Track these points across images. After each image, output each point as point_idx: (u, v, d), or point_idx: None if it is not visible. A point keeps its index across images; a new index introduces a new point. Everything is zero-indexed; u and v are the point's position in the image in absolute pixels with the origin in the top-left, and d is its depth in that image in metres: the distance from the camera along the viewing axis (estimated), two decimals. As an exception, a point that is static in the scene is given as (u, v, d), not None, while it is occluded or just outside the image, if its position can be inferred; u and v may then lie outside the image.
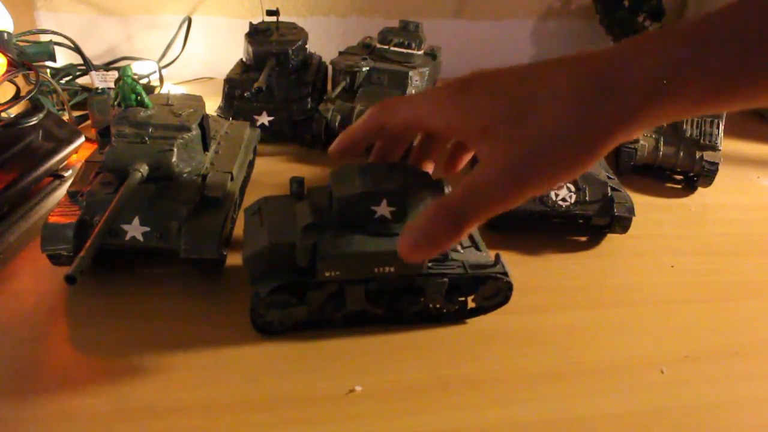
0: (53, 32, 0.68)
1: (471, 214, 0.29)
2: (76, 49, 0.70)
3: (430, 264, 0.37)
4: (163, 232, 0.40)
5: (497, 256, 0.39)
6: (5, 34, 0.57)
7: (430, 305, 0.39)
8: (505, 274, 0.38)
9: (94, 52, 0.80)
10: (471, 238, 0.40)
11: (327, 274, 0.35)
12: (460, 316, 0.40)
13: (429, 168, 0.38)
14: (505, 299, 0.40)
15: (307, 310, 0.37)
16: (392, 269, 0.36)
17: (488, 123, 0.28)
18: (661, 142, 0.60)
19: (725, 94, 0.25)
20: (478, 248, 0.40)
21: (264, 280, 0.36)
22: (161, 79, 0.77)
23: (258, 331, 0.38)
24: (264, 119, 0.63)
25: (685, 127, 0.60)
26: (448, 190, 0.36)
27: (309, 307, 0.37)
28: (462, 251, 0.39)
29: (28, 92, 0.56)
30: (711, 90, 0.25)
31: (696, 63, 0.24)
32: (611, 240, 0.51)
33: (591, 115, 0.26)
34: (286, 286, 0.36)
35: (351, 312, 0.38)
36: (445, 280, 0.37)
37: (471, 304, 0.40)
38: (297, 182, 0.38)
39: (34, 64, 0.58)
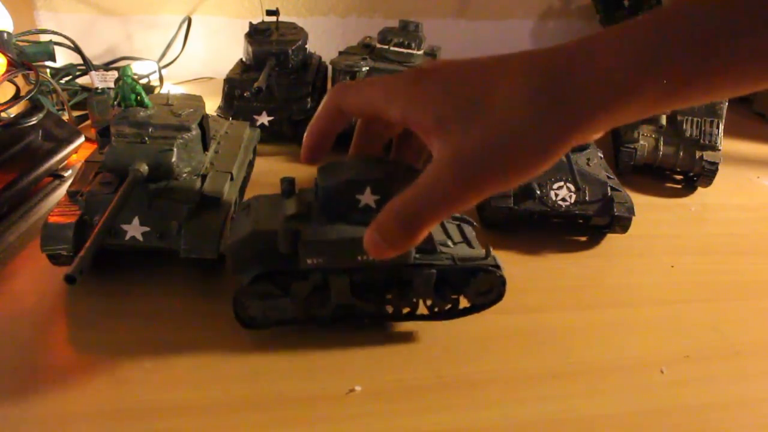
0: (53, 32, 0.68)
1: (422, 215, 0.28)
2: (76, 49, 0.70)
3: (417, 255, 0.36)
4: (163, 232, 0.40)
5: (488, 248, 0.38)
6: (5, 34, 0.57)
7: (421, 301, 0.38)
8: (497, 267, 0.37)
9: (94, 52, 0.80)
10: (462, 234, 0.39)
11: (309, 261, 0.34)
12: (452, 314, 0.39)
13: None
14: (499, 296, 0.38)
15: (292, 304, 0.36)
16: (375, 258, 0.34)
17: (441, 117, 0.27)
18: (661, 142, 0.60)
19: (688, 89, 0.24)
20: (470, 245, 0.38)
21: (246, 270, 0.35)
22: (161, 79, 0.77)
23: (242, 325, 0.37)
24: (264, 119, 0.63)
25: (685, 127, 0.60)
26: None
27: (293, 299, 0.36)
28: (453, 246, 0.38)
29: (28, 92, 0.56)
30: (673, 86, 0.24)
31: (657, 60, 0.23)
32: (611, 240, 0.51)
33: (546, 118, 0.25)
34: (269, 275, 0.35)
35: (338, 307, 0.37)
36: (433, 271, 0.36)
37: (465, 304, 0.39)
38: (287, 182, 0.37)
39: (34, 64, 0.58)
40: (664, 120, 0.60)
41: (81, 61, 0.71)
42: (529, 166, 0.26)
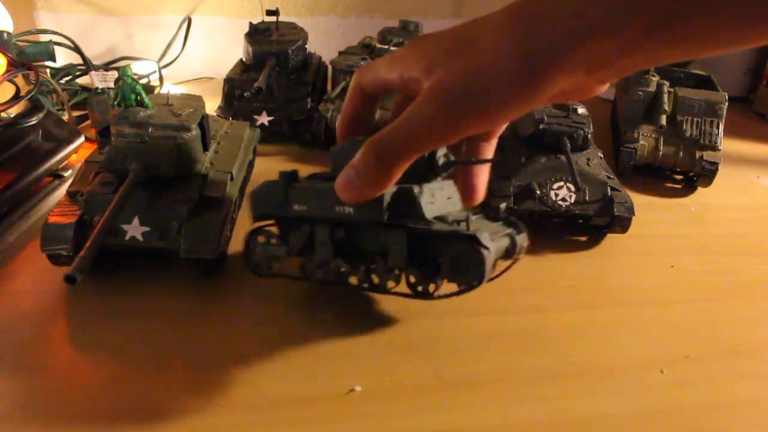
0: (53, 32, 0.68)
1: (399, 148, 0.28)
2: (76, 49, 0.70)
3: (391, 217, 0.34)
4: (163, 232, 0.40)
5: (467, 216, 0.35)
6: (5, 34, 0.57)
7: (400, 272, 0.37)
8: (476, 239, 0.33)
9: (94, 52, 0.80)
10: (509, 227, 0.38)
11: (296, 207, 0.37)
12: (431, 294, 0.37)
13: None
14: (479, 276, 0.34)
15: (288, 253, 0.39)
16: (351, 210, 0.35)
17: (430, 60, 0.28)
18: (661, 142, 0.60)
19: (673, 29, 0.23)
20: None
21: (258, 213, 0.39)
22: (161, 79, 0.77)
23: (250, 270, 0.40)
24: (264, 119, 0.63)
25: (685, 127, 0.60)
26: (441, 157, 0.35)
27: (289, 248, 0.39)
28: (450, 224, 0.35)
29: (28, 92, 0.56)
30: (654, 25, 0.23)
31: None
32: (611, 240, 0.51)
33: (525, 49, 0.25)
34: (269, 217, 0.39)
35: (326, 268, 0.38)
36: (403, 233, 0.35)
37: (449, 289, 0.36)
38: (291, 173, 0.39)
39: (34, 64, 0.58)
40: (664, 120, 0.60)
41: (81, 61, 0.71)
42: (510, 100, 0.26)
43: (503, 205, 0.37)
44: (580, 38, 0.24)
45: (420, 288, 0.38)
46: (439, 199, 0.36)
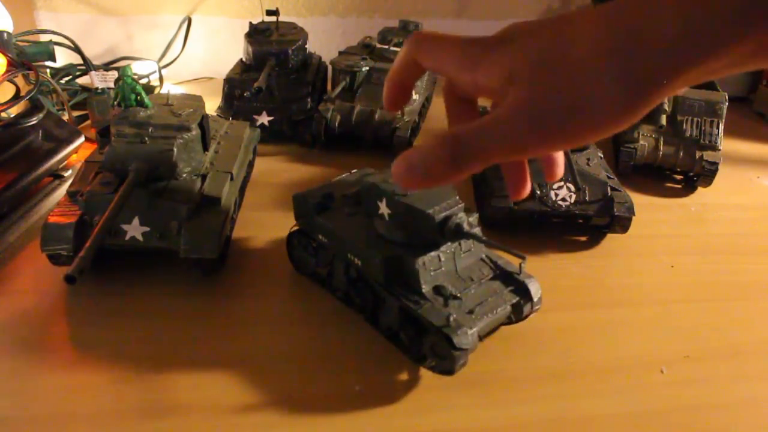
0: (53, 32, 0.68)
1: (476, 151, 0.26)
2: (76, 49, 0.70)
3: (388, 286, 0.35)
4: (163, 232, 0.40)
5: (448, 318, 0.33)
6: (5, 34, 0.57)
7: (393, 328, 0.37)
8: (449, 339, 0.32)
9: (94, 52, 0.80)
10: (483, 303, 0.35)
11: (320, 237, 0.39)
12: (411, 356, 0.36)
13: None
14: (449, 369, 0.34)
15: (315, 265, 0.41)
16: (359, 263, 0.37)
17: (515, 70, 0.26)
18: (661, 142, 0.60)
19: None
20: (470, 311, 0.34)
21: (297, 218, 0.42)
22: (161, 79, 0.77)
23: (291, 260, 0.43)
24: (264, 119, 0.63)
25: (685, 127, 0.60)
26: (462, 225, 0.34)
27: (317, 262, 0.41)
28: (447, 302, 0.35)
29: (28, 92, 0.56)
30: None
31: (756, 7, 0.21)
32: (611, 240, 0.51)
33: (629, 71, 0.23)
34: (303, 232, 0.42)
35: (344, 292, 0.40)
36: (396, 303, 0.35)
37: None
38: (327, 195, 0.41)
39: (34, 64, 0.58)
40: (664, 120, 0.60)
41: (81, 61, 0.71)
42: (607, 120, 0.25)
43: (523, 264, 0.37)
44: (685, 63, 0.23)
45: (408, 345, 0.37)
46: (445, 262, 0.36)
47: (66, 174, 0.55)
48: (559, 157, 0.34)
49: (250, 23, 0.67)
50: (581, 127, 0.25)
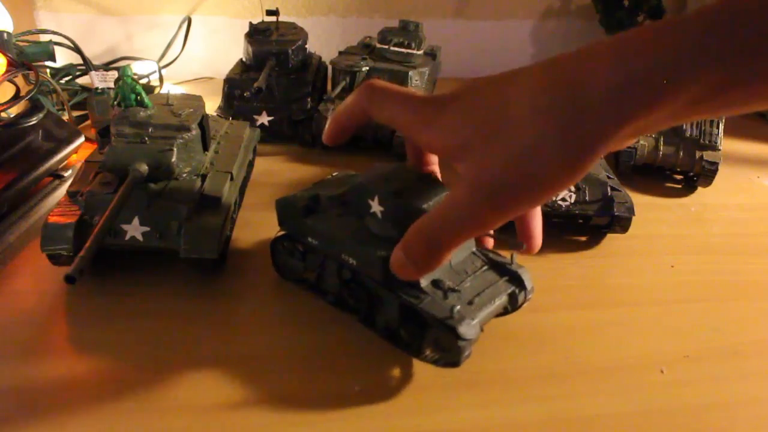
0: (53, 32, 0.68)
1: (445, 238, 0.28)
2: (76, 49, 0.70)
3: (388, 278, 0.35)
4: (163, 232, 0.40)
5: (452, 309, 0.33)
6: (5, 34, 0.57)
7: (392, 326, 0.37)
8: (454, 330, 0.32)
9: (94, 52, 0.80)
10: (481, 293, 0.35)
11: (309, 239, 0.38)
12: (415, 353, 0.36)
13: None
14: (454, 362, 0.34)
15: (303, 270, 0.41)
16: (354, 263, 0.36)
17: (463, 142, 0.27)
18: (661, 142, 0.60)
19: (724, 96, 0.22)
20: (470, 302, 0.34)
21: (281, 224, 0.41)
22: (161, 79, 0.77)
23: (275, 268, 0.43)
24: (264, 119, 0.63)
25: (685, 127, 0.60)
26: None
27: (306, 267, 0.41)
28: (445, 295, 0.34)
29: (28, 92, 0.56)
30: (709, 91, 0.22)
31: (696, 61, 0.22)
32: (611, 240, 0.51)
33: (566, 130, 0.24)
34: (289, 238, 0.41)
35: (336, 295, 0.40)
36: (397, 300, 0.35)
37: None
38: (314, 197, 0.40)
39: (34, 64, 0.58)
40: (664, 120, 0.60)
41: (81, 61, 0.71)
42: (554, 183, 0.25)
43: (515, 255, 0.37)
44: (631, 110, 0.23)
45: (409, 344, 0.37)
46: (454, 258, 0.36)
47: (66, 174, 0.55)
48: (537, 230, 0.36)
49: (250, 23, 0.67)
50: (532, 194, 0.26)
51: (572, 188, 0.49)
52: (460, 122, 0.27)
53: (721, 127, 0.60)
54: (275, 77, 0.63)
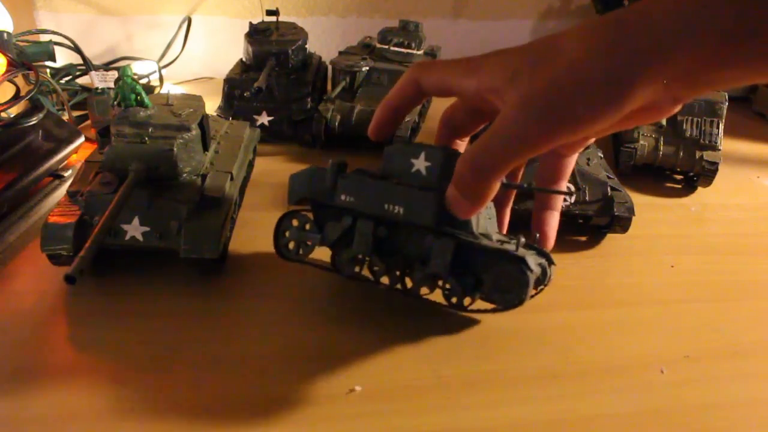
0: (53, 32, 0.68)
1: (494, 161, 0.28)
2: (76, 49, 0.70)
3: (442, 224, 0.35)
4: (163, 232, 0.40)
5: (519, 242, 0.35)
6: (5, 34, 0.57)
7: (437, 280, 0.37)
8: (524, 262, 0.34)
9: (94, 52, 0.80)
10: (536, 251, 0.37)
11: (343, 197, 0.37)
12: (464, 308, 0.38)
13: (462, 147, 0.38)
14: (519, 299, 0.35)
15: (321, 241, 0.39)
16: (401, 210, 0.35)
17: (514, 72, 0.28)
18: (661, 142, 0.60)
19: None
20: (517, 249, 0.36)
21: (296, 195, 0.39)
22: (161, 79, 0.77)
23: (277, 252, 0.41)
24: (264, 119, 0.63)
25: (685, 127, 0.60)
26: None
27: (323, 237, 0.39)
28: (495, 242, 0.36)
29: (28, 92, 0.56)
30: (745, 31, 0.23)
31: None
32: (611, 240, 0.51)
33: (616, 54, 0.25)
34: (313, 206, 0.39)
35: (359, 263, 0.39)
36: (452, 242, 0.35)
37: (483, 305, 0.38)
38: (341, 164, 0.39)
39: (34, 64, 0.58)
40: (664, 120, 0.60)
41: (81, 61, 0.71)
42: (599, 108, 0.26)
43: (522, 239, 0.36)
44: (668, 50, 0.24)
45: (454, 300, 0.38)
46: (483, 217, 0.37)
47: (66, 174, 0.55)
48: (551, 231, 0.37)
49: (250, 23, 0.67)
50: (574, 114, 0.26)
51: (572, 188, 0.49)
52: (510, 59, 0.28)
53: (721, 127, 0.60)
54: (275, 77, 0.63)
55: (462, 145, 0.38)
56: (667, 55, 0.24)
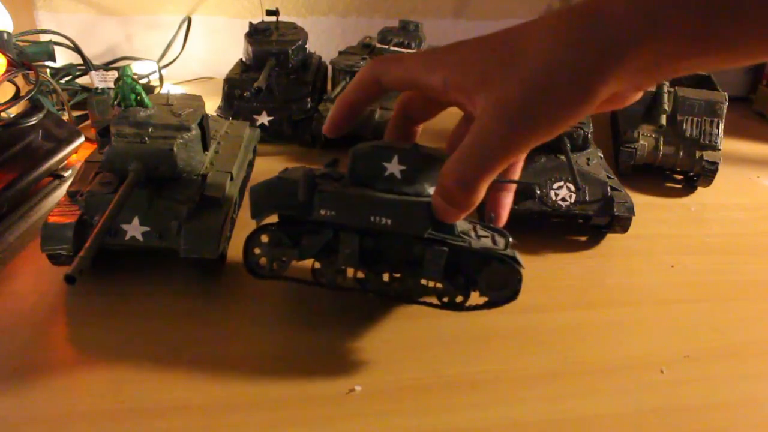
0: (53, 32, 0.68)
1: (477, 171, 0.28)
2: (76, 49, 0.70)
3: (432, 231, 0.34)
4: (163, 231, 0.40)
5: (507, 241, 0.36)
6: (5, 34, 0.57)
7: (430, 284, 0.37)
8: (515, 259, 0.35)
9: (94, 52, 0.80)
10: (493, 239, 0.37)
11: (323, 212, 0.34)
12: (459, 307, 0.38)
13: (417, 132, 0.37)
14: (514, 294, 0.36)
15: (300, 256, 0.37)
16: (389, 222, 0.34)
17: (483, 72, 0.27)
18: (661, 142, 0.60)
19: (731, 28, 0.23)
20: (494, 243, 0.37)
21: (263, 212, 0.36)
22: (161, 79, 0.77)
23: (248, 270, 0.38)
24: (264, 119, 0.63)
25: (685, 127, 0.60)
26: None
27: (302, 254, 0.36)
28: (475, 238, 0.36)
29: (28, 92, 0.56)
30: (712, 21, 0.23)
31: None
32: (611, 240, 0.51)
33: (579, 54, 0.25)
34: (283, 223, 0.36)
35: (344, 275, 0.37)
36: (444, 248, 0.35)
37: (476, 301, 0.38)
38: (333, 159, 0.38)
39: (34, 64, 0.58)
40: (664, 120, 0.60)
41: (81, 61, 0.71)
42: (573, 107, 0.26)
43: (493, 215, 0.38)
44: (638, 37, 0.24)
45: (446, 299, 0.38)
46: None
47: (66, 174, 0.55)
48: (504, 212, 0.37)
49: (250, 23, 0.67)
50: (550, 117, 0.26)
51: (572, 188, 0.49)
52: (478, 55, 0.28)
53: (721, 126, 0.60)
54: (275, 77, 0.63)
55: (417, 133, 0.38)
56: (634, 49, 0.24)
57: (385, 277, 0.38)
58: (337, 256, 0.36)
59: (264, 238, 0.37)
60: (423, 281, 0.37)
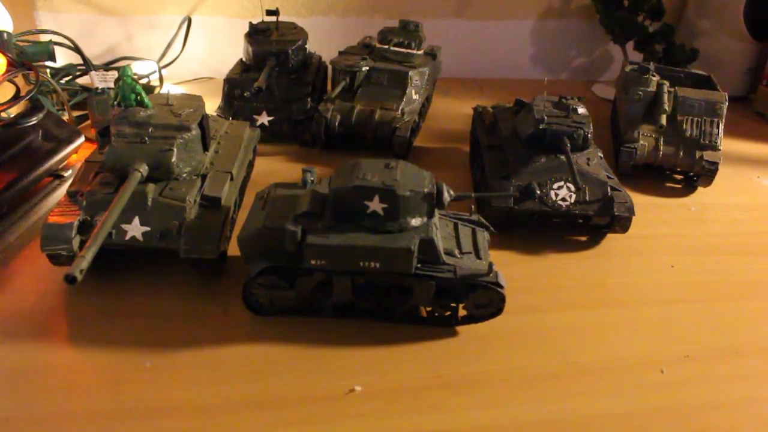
0: (53, 32, 0.68)
1: None
2: (76, 49, 0.70)
3: (419, 265, 0.36)
4: (163, 232, 0.40)
5: (490, 265, 0.38)
6: (5, 34, 0.57)
7: (420, 307, 0.39)
8: (497, 284, 0.37)
9: (94, 52, 0.80)
10: (474, 242, 0.40)
11: (313, 262, 0.36)
12: (450, 322, 0.39)
13: None
14: (498, 311, 0.39)
15: (297, 296, 0.38)
16: (377, 265, 0.36)
17: None
18: (661, 142, 0.60)
19: None
20: (478, 256, 0.39)
21: (255, 261, 0.38)
22: (161, 79, 0.77)
23: (249, 310, 0.39)
24: (264, 119, 0.63)
25: (685, 127, 0.60)
26: (446, 193, 0.37)
27: (298, 292, 0.38)
28: (459, 257, 0.38)
29: (28, 92, 0.56)
30: None
31: None
32: (611, 240, 0.51)
33: None
34: (275, 270, 0.37)
35: (339, 303, 0.39)
36: (432, 282, 0.37)
37: (462, 312, 0.39)
38: (308, 172, 0.39)
39: (34, 64, 0.58)
40: (664, 120, 0.60)
41: (81, 61, 0.71)
42: None
43: (473, 207, 0.40)
44: None
45: (436, 314, 0.39)
46: (441, 239, 0.38)
47: (66, 174, 0.55)
48: None
49: (250, 23, 0.67)
50: None
51: (572, 188, 0.49)
52: None
53: (721, 126, 0.60)
54: (275, 77, 0.63)
55: None
56: None
57: (376, 301, 0.39)
58: (330, 290, 0.38)
59: (260, 283, 0.38)
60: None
